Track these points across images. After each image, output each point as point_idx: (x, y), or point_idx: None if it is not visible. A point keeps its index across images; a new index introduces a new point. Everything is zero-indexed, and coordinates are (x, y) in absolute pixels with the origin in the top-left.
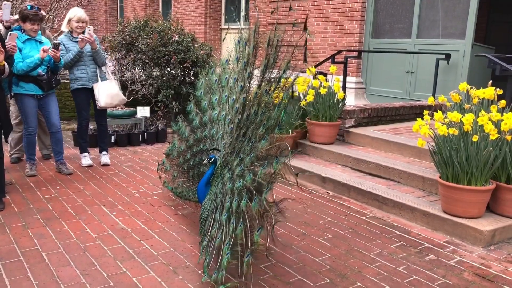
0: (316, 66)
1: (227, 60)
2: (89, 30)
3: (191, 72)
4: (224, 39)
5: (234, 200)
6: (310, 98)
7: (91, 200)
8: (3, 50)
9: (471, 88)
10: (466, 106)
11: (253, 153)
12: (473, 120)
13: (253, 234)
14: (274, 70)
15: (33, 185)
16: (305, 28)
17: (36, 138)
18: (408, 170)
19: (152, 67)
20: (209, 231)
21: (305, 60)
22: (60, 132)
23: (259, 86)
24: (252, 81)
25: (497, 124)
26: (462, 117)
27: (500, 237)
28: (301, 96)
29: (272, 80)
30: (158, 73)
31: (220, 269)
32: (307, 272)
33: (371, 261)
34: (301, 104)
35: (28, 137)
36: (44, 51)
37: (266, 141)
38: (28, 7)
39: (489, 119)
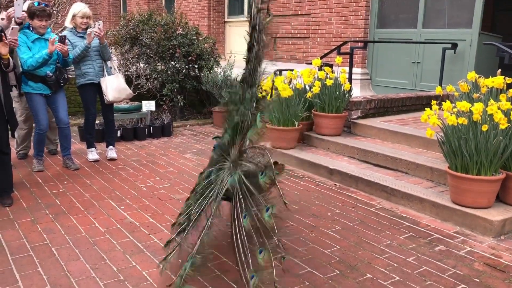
0: (321, 58)
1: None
2: (99, 25)
3: (196, 66)
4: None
5: (203, 196)
6: (316, 89)
7: (99, 195)
8: (7, 43)
9: (479, 77)
10: (475, 95)
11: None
12: (483, 109)
13: (255, 252)
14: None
15: (40, 181)
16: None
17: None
18: (416, 161)
19: (157, 61)
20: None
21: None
22: (69, 128)
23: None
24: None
25: (506, 113)
26: (471, 106)
27: (511, 227)
28: (307, 87)
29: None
30: (162, 67)
31: (179, 274)
32: (317, 264)
33: (381, 253)
34: (307, 96)
35: (39, 135)
36: (51, 43)
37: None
38: (35, 3)
39: (499, 108)
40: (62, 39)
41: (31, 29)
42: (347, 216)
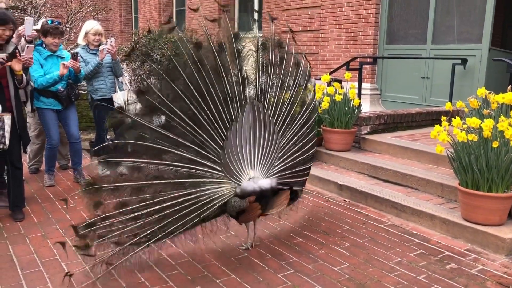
0: (330, 73)
1: None
2: (111, 42)
3: None
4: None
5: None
6: (325, 105)
7: None
8: (21, 59)
9: (489, 93)
10: (485, 111)
11: None
12: (493, 125)
13: None
14: None
15: (51, 196)
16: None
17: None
18: (426, 177)
19: None
20: None
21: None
22: (80, 143)
23: None
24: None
25: None
26: (482, 123)
27: None
28: (316, 103)
29: None
30: None
31: None
32: (326, 281)
33: (391, 270)
34: None
35: (50, 150)
36: (65, 67)
37: None
38: (49, 21)
39: (510, 125)
40: (75, 56)
41: (44, 46)
42: (357, 232)
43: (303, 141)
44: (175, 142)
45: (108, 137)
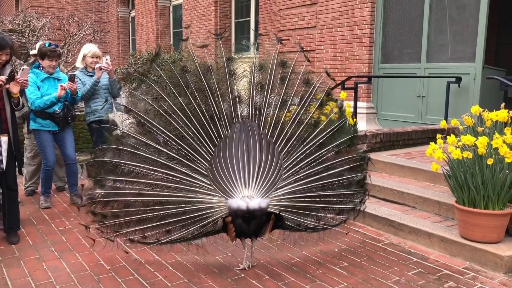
0: None
1: None
2: (106, 59)
3: None
4: None
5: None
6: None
7: None
8: (19, 82)
9: (483, 110)
10: (480, 129)
11: None
12: (487, 143)
13: None
14: None
15: (47, 217)
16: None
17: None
18: (423, 195)
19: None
20: None
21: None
22: (76, 164)
23: None
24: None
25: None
26: (476, 140)
27: None
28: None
29: None
30: None
31: None
32: None
33: None
34: None
35: (47, 171)
36: (62, 88)
37: None
38: (46, 44)
39: (504, 142)
40: (72, 78)
41: (41, 68)
42: (354, 252)
43: (324, 164)
44: (158, 151)
45: None
